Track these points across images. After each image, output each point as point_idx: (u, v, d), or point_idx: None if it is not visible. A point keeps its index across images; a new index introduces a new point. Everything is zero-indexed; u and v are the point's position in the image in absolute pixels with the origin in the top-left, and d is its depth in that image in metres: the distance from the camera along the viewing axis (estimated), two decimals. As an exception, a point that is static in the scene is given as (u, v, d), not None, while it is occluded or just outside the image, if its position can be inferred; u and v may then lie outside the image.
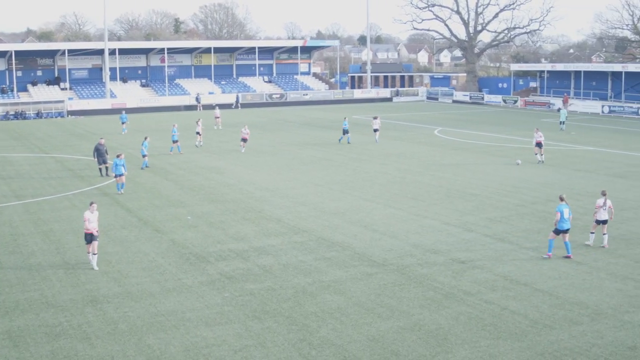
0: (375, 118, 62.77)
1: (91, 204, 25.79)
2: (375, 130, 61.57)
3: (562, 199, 26.15)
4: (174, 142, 54.13)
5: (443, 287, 22.88)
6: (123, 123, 71.26)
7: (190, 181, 42.36)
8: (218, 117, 76.32)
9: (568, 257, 25.83)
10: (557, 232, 25.85)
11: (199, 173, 45.20)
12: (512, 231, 29.78)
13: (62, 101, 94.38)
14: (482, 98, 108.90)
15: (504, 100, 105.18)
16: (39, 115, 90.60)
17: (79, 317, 20.53)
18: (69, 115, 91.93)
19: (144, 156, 47.52)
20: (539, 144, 47.68)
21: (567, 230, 25.85)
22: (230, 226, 31.21)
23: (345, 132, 59.44)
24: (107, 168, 43.97)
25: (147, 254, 26.97)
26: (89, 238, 25.08)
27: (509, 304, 21.25)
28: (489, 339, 18.63)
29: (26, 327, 19.78)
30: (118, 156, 38.47)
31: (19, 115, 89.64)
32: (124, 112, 75.13)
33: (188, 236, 29.58)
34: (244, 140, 54.90)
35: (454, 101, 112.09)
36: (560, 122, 69.88)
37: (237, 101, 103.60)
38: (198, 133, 59.06)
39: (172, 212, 34.20)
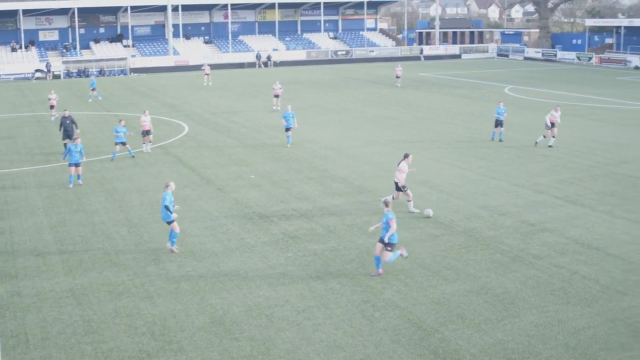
0: (398, 67, 74.71)
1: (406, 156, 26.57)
2: (397, 77, 71.69)
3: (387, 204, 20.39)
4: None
5: (511, 250, 22.29)
6: (93, 89, 63.83)
7: (254, 139, 42.20)
8: (208, 74, 76.64)
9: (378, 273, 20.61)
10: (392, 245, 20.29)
11: (262, 131, 45.00)
12: (584, 193, 28.89)
13: (124, 59, 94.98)
14: (555, 55, 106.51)
15: (578, 58, 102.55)
16: (101, 72, 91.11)
17: (142, 275, 20.55)
18: (132, 73, 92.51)
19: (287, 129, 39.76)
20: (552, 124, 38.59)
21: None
22: (294, 185, 30.94)
23: (499, 123, 40.55)
24: (73, 140, 36.84)
25: (209, 212, 26.86)
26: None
27: (579, 268, 20.62)
28: (557, 304, 18.10)
29: (89, 285, 19.85)
30: (74, 140, 31.98)
31: (82, 73, 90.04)
32: (93, 77, 73.05)
33: (251, 195, 29.38)
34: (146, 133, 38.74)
35: (526, 58, 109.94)
36: None
37: (258, 58, 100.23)
38: (276, 96, 54.82)
39: (235, 170, 34.06)
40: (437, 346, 16.01)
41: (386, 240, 19.79)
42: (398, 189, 26.50)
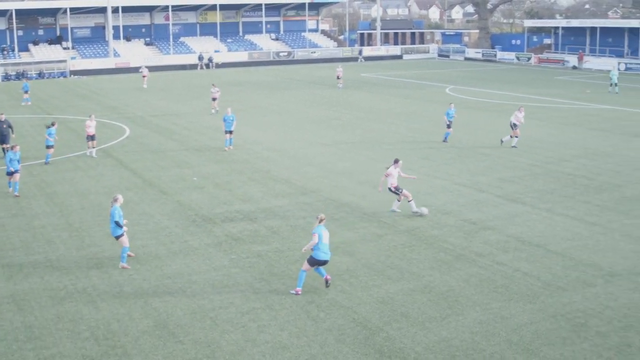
0: (338, 67, 75.07)
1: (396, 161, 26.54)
2: (338, 78, 71.71)
3: (321, 220, 19.16)
4: None
5: (454, 248, 22.50)
6: (25, 92, 62.67)
7: (196, 141, 41.94)
8: (145, 76, 75.93)
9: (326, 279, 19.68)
10: (314, 262, 19.12)
11: (204, 133, 44.74)
12: (524, 192, 29.30)
13: (64, 61, 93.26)
14: (495, 55, 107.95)
15: (517, 58, 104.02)
16: (41, 75, 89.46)
17: (84, 280, 20.25)
18: (72, 75, 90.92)
19: (227, 132, 39.02)
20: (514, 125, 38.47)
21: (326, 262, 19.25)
22: (237, 187, 30.83)
23: (449, 126, 40.56)
24: (11, 148, 32.21)
25: (152, 216, 26.62)
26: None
27: (521, 265, 20.90)
28: (500, 301, 18.32)
29: (31, 290, 19.51)
30: (12, 148, 30.79)
31: (21, 76, 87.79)
32: (25, 80, 72.39)
33: (194, 197, 29.20)
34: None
35: (466, 58, 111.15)
36: (612, 85, 64.39)
37: (200, 60, 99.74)
38: (214, 99, 54.35)
39: (177, 173, 33.81)
40: (382, 345, 16.08)
41: (302, 250, 19.45)
42: (393, 192, 26.34)
